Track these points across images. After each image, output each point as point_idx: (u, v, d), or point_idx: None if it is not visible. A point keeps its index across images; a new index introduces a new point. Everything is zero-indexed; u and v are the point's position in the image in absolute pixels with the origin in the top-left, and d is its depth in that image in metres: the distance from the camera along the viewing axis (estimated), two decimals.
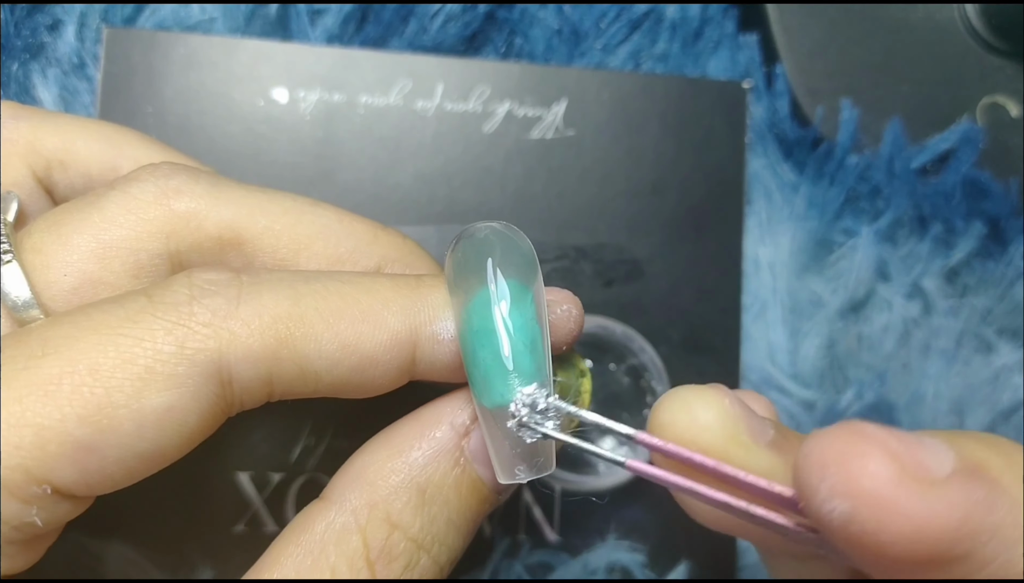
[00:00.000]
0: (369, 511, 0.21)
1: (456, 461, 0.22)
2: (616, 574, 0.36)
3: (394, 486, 0.22)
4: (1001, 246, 0.39)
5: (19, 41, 0.35)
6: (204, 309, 0.20)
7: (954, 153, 0.39)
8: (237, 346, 0.20)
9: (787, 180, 0.39)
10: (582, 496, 0.36)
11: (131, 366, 0.19)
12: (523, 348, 0.20)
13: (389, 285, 0.21)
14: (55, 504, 0.19)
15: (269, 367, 0.20)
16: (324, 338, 0.20)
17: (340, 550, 0.21)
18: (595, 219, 0.37)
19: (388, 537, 0.21)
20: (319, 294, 0.21)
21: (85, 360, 0.19)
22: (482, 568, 0.35)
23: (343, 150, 0.36)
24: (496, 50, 0.39)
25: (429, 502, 0.22)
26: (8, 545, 0.19)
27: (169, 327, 0.19)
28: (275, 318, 0.20)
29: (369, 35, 0.38)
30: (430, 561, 0.22)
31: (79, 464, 0.19)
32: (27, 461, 0.18)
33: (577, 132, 0.37)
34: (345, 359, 0.21)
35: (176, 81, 0.35)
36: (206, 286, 0.20)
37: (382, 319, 0.21)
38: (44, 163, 0.26)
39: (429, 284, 0.22)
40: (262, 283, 0.20)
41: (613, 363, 0.37)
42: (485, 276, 0.21)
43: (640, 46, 0.39)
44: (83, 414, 0.18)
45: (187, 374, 0.19)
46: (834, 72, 0.39)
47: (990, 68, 0.40)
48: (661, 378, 0.36)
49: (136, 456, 0.19)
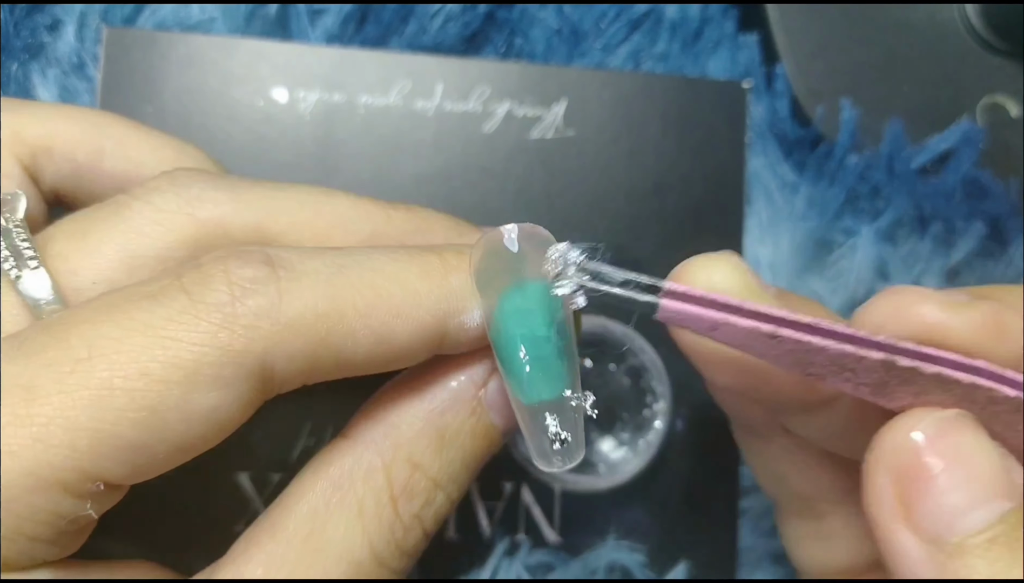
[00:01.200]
0: (394, 452, 0.23)
1: (473, 409, 0.24)
2: (616, 574, 0.36)
3: (417, 430, 0.23)
4: (1001, 246, 0.39)
5: (19, 41, 0.35)
6: (247, 311, 0.20)
7: (954, 153, 0.39)
8: (280, 347, 0.20)
9: (787, 180, 0.39)
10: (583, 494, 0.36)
11: (179, 369, 0.19)
12: (558, 352, 0.22)
13: (418, 273, 0.22)
14: (106, 496, 0.20)
15: (309, 362, 0.21)
16: (359, 335, 0.21)
17: (367, 485, 0.23)
18: (595, 219, 0.37)
19: (410, 476, 0.23)
20: (356, 289, 0.21)
21: (135, 365, 0.19)
22: (482, 568, 0.35)
23: (343, 150, 0.36)
24: (496, 50, 0.39)
25: (448, 446, 0.23)
26: (63, 536, 0.20)
27: (214, 330, 0.20)
28: (316, 317, 0.20)
29: (369, 35, 0.38)
30: (445, 498, 0.24)
31: (129, 462, 0.20)
32: (83, 463, 0.19)
33: (577, 132, 0.37)
34: (380, 352, 0.22)
35: (176, 81, 0.35)
36: (246, 284, 0.20)
37: (415, 313, 0.22)
38: (29, 152, 0.26)
39: (455, 267, 0.22)
40: (300, 279, 0.21)
41: (613, 363, 0.37)
42: (513, 278, 0.22)
43: (640, 46, 0.39)
44: (135, 418, 0.19)
45: (233, 375, 0.20)
46: (834, 72, 0.39)
47: (990, 68, 0.40)
48: (661, 378, 0.36)
49: (180, 449, 0.20)
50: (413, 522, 0.23)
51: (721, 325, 0.21)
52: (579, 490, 0.36)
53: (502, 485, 0.36)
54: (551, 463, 0.22)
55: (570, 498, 0.36)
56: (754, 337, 0.21)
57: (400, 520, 0.23)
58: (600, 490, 0.36)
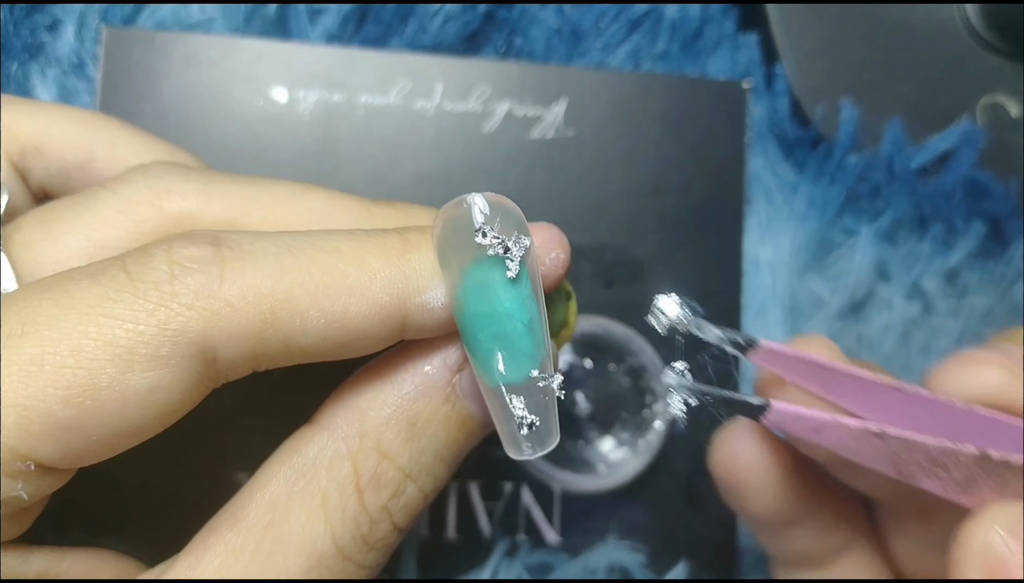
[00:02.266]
0: (360, 439, 0.22)
1: (447, 397, 0.23)
2: (616, 574, 0.36)
3: (385, 417, 0.22)
4: (1001, 246, 0.39)
5: (18, 41, 0.35)
6: (186, 289, 0.19)
7: (954, 153, 0.39)
8: (220, 326, 0.19)
9: (787, 180, 0.39)
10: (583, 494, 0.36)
11: (113, 347, 0.19)
12: (523, 329, 0.21)
13: (375, 252, 0.21)
14: (39, 478, 0.19)
15: (254, 345, 0.20)
16: (310, 315, 0.20)
17: (331, 474, 0.22)
18: (595, 219, 0.37)
19: (377, 465, 0.22)
20: (305, 268, 0.20)
21: (66, 341, 0.19)
22: (482, 568, 0.35)
23: (342, 150, 0.36)
24: (496, 50, 0.39)
25: (419, 435, 0.22)
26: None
27: (151, 308, 0.19)
28: (260, 297, 0.20)
29: (368, 35, 0.38)
30: (416, 490, 0.23)
31: (62, 442, 0.19)
32: (11, 440, 0.18)
33: (577, 132, 0.37)
34: (332, 334, 0.21)
35: (175, 80, 0.35)
36: (187, 263, 0.20)
37: (369, 293, 0.21)
38: (19, 149, 0.26)
39: (416, 245, 0.21)
40: (245, 258, 0.20)
41: (613, 363, 0.37)
42: (477, 252, 0.21)
43: (640, 46, 0.39)
44: (65, 395, 0.19)
45: (170, 355, 0.19)
46: (834, 72, 0.39)
47: (990, 68, 0.40)
48: (661, 378, 0.36)
49: (118, 433, 0.20)
50: (381, 514, 0.22)
51: (829, 426, 0.21)
52: (579, 490, 0.36)
53: (502, 485, 0.36)
54: (520, 450, 0.21)
55: (570, 498, 0.36)
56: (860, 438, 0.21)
57: (366, 512, 0.22)
58: (600, 490, 0.36)
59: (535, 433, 0.21)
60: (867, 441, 0.21)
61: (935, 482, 0.22)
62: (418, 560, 0.35)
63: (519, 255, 0.21)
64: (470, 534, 0.35)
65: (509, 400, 0.21)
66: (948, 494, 0.23)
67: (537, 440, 0.21)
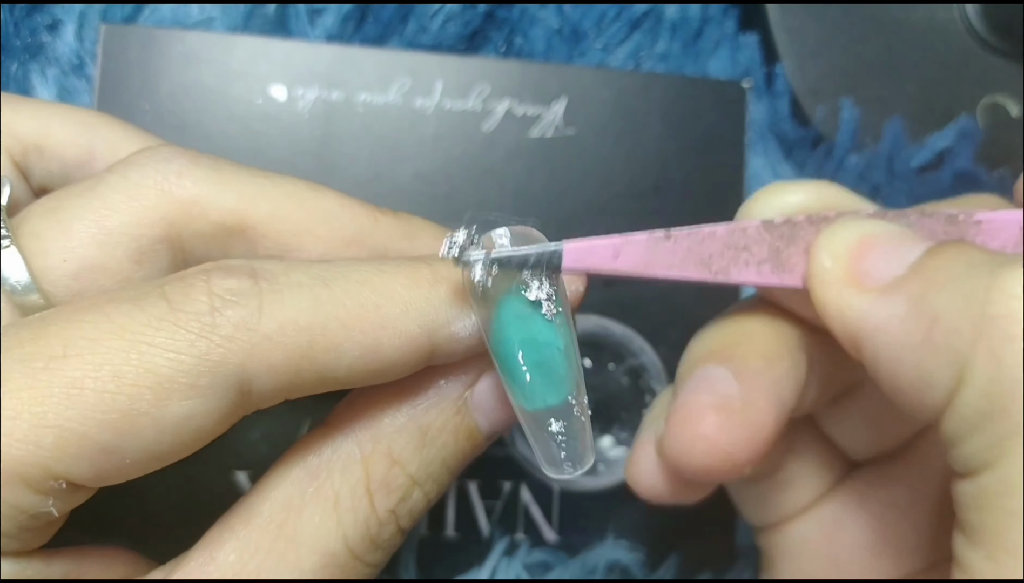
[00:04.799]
0: (373, 445, 0.23)
1: (458, 409, 0.23)
2: (615, 573, 0.36)
3: (399, 425, 0.23)
4: None
5: (19, 41, 0.35)
6: (226, 321, 0.20)
7: (951, 150, 0.39)
8: (259, 359, 0.20)
9: (787, 180, 0.39)
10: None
11: (153, 375, 0.19)
12: (560, 356, 0.22)
13: (406, 283, 0.21)
14: (69, 494, 0.20)
15: (290, 377, 0.20)
16: (345, 347, 0.21)
17: (344, 477, 0.22)
18: (595, 218, 0.37)
19: (388, 471, 0.23)
20: (340, 301, 0.21)
21: (108, 366, 0.19)
22: (481, 567, 0.35)
23: (342, 148, 0.36)
24: (496, 49, 0.39)
25: (429, 444, 0.23)
26: (24, 531, 0.20)
27: (192, 339, 0.19)
28: (297, 330, 0.20)
29: (368, 34, 0.38)
30: (422, 495, 0.23)
31: (96, 464, 0.19)
32: (47, 460, 0.19)
33: (577, 131, 0.37)
34: (364, 366, 0.21)
35: (173, 78, 0.35)
36: (227, 295, 0.20)
37: (402, 325, 0.21)
38: (21, 148, 0.26)
39: (445, 277, 0.22)
40: (282, 291, 0.20)
41: (612, 363, 0.37)
42: (510, 283, 0.21)
43: (640, 45, 0.39)
44: (104, 420, 0.19)
45: (208, 385, 0.19)
46: (834, 72, 0.39)
47: (990, 68, 0.40)
48: (660, 379, 0.36)
49: (151, 457, 0.20)
50: (388, 517, 0.23)
51: (622, 247, 0.22)
52: (578, 489, 0.36)
53: (501, 484, 0.36)
54: (561, 469, 0.22)
55: (569, 497, 0.36)
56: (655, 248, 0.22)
57: (375, 514, 0.22)
58: (599, 489, 0.36)
59: (575, 454, 0.22)
60: (662, 248, 0.22)
61: (750, 271, 0.23)
62: (417, 559, 0.35)
63: (553, 285, 0.22)
64: (469, 533, 0.35)
65: (550, 424, 0.22)
66: (770, 280, 0.23)
67: (577, 458, 0.22)
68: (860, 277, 0.22)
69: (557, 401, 0.22)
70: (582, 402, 0.22)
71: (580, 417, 0.22)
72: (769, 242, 0.23)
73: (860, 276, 0.22)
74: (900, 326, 0.20)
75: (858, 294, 0.22)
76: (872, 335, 0.21)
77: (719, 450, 0.23)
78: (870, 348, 0.21)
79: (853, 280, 0.22)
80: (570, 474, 0.22)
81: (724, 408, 0.23)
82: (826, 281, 0.22)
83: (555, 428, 0.22)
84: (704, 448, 0.23)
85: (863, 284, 0.22)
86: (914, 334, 0.20)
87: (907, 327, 0.20)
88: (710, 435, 0.23)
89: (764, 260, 0.23)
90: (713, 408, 0.23)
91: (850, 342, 0.22)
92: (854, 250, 0.22)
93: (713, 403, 0.24)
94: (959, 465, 0.20)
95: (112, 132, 0.27)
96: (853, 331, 0.21)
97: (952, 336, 0.19)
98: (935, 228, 0.24)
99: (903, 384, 0.20)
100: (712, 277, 0.23)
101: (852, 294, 0.22)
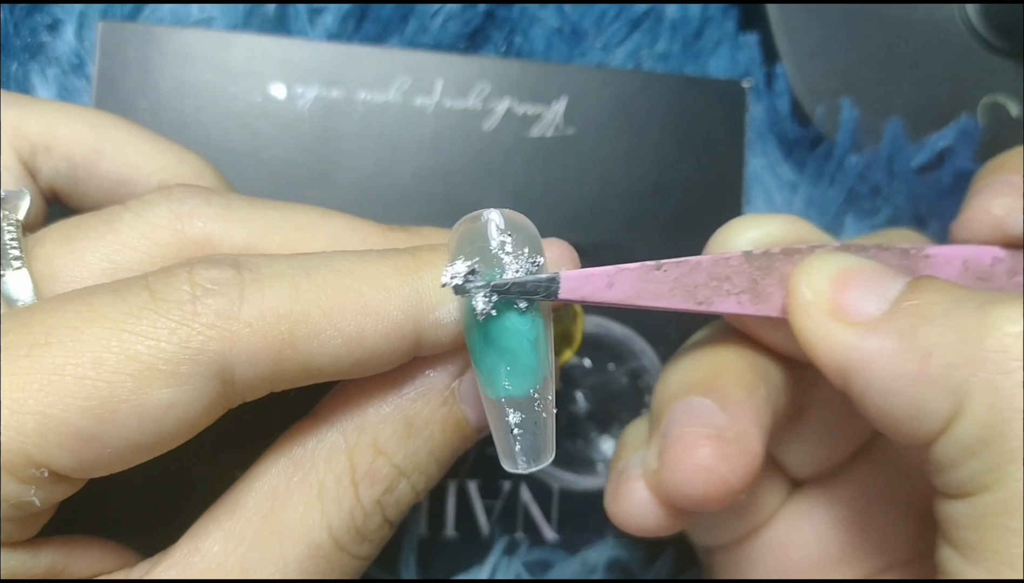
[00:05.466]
0: (358, 435, 0.23)
1: (445, 400, 0.23)
2: (615, 572, 0.35)
3: (384, 415, 0.23)
4: None
5: (18, 41, 0.35)
6: (207, 309, 0.20)
7: (951, 150, 0.39)
8: (240, 347, 0.20)
9: (787, 180, 0.39)
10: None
11: (134, 362, 0.19)
12: (529, 346, 0.21)
13: (389, 271, 0.21)
14: (52, 485, 0.20)
15: (272, 365, 0.20)
16: (327, 335, 0.21)
17: (329, 467, 0.22)
18: (595, 218, 0.37)
19: (373, 461, 0.23)
20: (321, 289, 0.21)
21: (89, 353, 0.19)
22: (481, 566, 0.35)
23: (341, 147, 0.36)
24: (496, 49, 0.39)
25: (415, 434, 0.23)
26: (7, 522, 0.20)
27: (173, 326, 0.19)
28: (278, 318, 0.20)
29: (368, 34, 0.38)
30: (409, 487, 0.23)
31: (78, 452, 0.19)
32: (28, 446, 0.19)
33: (577, 130, 0.37)
34: (348, 354, 0.21)
35: (171, 76, 0.35)
36: (208, 284, 0.20)
37: (384, 311, 0.21)
38: (29, 148, 0.26)
39: (427, 263, 0.22)
40: (264, 280, 0.20)
41: (612, 363, 0.37)
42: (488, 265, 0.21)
43: (640, 45, 0.39)
44: (85, 406, 0.19)
45: (190, 373, 0.20)
46: (834, 72, 0.39)
47: (990, 68, 0.40)
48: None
49: (134, 446, 0.20)
50: (374, 508, 0.23)
51: (615, 275, 0.22)
52: (578, 489, 0.36)
53: (501, 484, 0.35)
54: (515, 464, 0.22)
55: (568, 497, 0.36)
56: (646, 277, 0.23)
57: (361, 505, 0.22)
58: (598, 489, 0.36)
59: (530, 448, 0.22)
60: (652, 278, 0.23)
61: (731, 301, 0.24)
62: (417, 558, 0.35)
63: (531, 271, 0.21)
64: (469, 532, 0.35)
65: (508, 414, 0.21)
66: (747, 310, 0.24)
67: (533, 455, 0.22)
68: (843, 310, 0.22)
69: (519, 392, 0.21)
70: (547, 398, 0.22)
71: (541, 413, 0.22)
72: (748, 273, 0.24)
73: (843, 309, 0.22)
74: (892, 359, 0.21)
75: (843, 328, 0.22)
76: (863, 368, 0.21)
77: (719, 479, 0.24)
78: (860, 380, 0.22)
79: (836, 313, 0.22)
80: (524, 470, 0.22)
81: (719, 438, 0.24)
82: (809, 314, 0.23)
83: (513, 419, 0.21)
84: (704, 478, 0.24)
85: (847, 318, 0.22)
86: (907, 367, 0.21)
87: (899, 360, 0.21)
88: (710, 465, 0.23)
89: (744, 290, 0.24)
90: (708, 438, 0.24)
91: (837, 374, 0.22)
92: (834, 283, 0.23)
93: (708, 434, 0.24)
94: (952, 488, 0.21)
95: (120, 133, 0.28)
96: (840, 363, 0.22)
97: (949, 369, 0.20)
98: (891, 261, 0.25)
99: (896, 413, 0.21)
100: (697, 307, 0.24)
101: (837, 328, 0.22)
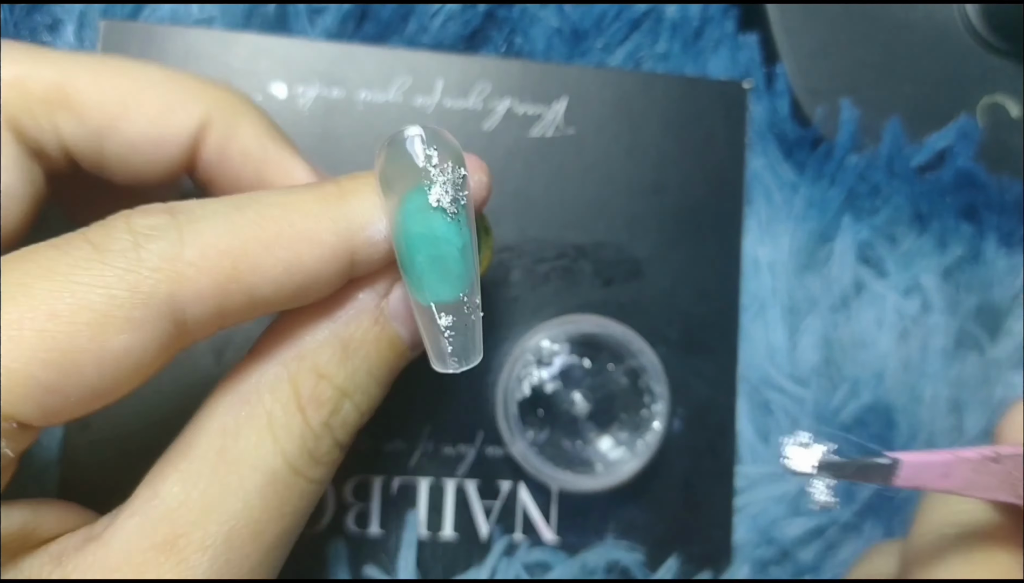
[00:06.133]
0: (298, 363, 0.23)
1: (376, 319, 0.24)
2: (615, 573, 0.35)
3: (321, 341, 0.24)
4: (1000, 244, 0.39)
5: (18, 41, 0.35)
6: (150, 254, 0.20)
7: (951, 149, 0.39)
8: (188, 287, 0.21)
9: (787, 180, 0.39)
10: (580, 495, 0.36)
11: (89, 311, 0.20)
12: (457, 253, 0.22)
13: (314, 199, 0.22)
14: (19, 435, 0.20)
15: (220, 301, 0.21)
16: (268, 265, 0.21)
17: (274, 396, 0.23)
18: (595, 218, 0.37)
19: (316, 385, 0.23)
20: (255, 222, 0.21)
21: (43, 306, 0.19)
22: (480, 567, 0.35)
23: (342, 146, 0.36)
24: (496, 49, 0.39)
25: (352, 356, 0.24)
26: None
27: (121, 273, 0.20)
28: (219, 254, 0.21)
29: (368, 34, 0.38)
30: (353, 407, 0.24)
31: (42, 403, 0.20)
32: None
33: (577, 131, 0.37)
34: (289, 281, 0.22)
35: None
36: (147, 231, 0.21)
37: (317, 235, 0.22)
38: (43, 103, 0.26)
39: (351, 189, 0.23)
40: (199, 220, 0.21)
41: (611, 363, 0.37)
42: (416, 178, 0.22)
43: (640, 45, 0.39)
44: (46, 358, 0.19)
45: (143, 317, 0.20)
46: (834, 72, 0.39)
47: (990, 68, 0.40)
48: (660, 379, 0.36)
49: (94, 393, 0.20)
50: (323, 430, 0.23)
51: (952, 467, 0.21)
52: (577, 490, 0.36)
53: (499, 484, 0.35)
54: (447, 364, 0.23)
55: (568, 497, 0.36)
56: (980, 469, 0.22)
57: (310, 428, 0.23)
58: (598, 490, 0.36)
59: (461, 349, 0.23)
60: (987, 470, 0.22)
61: None
62: (417, 558, 0.35)
63: (456, 183, 0.22)
64: (468, 533, 0.35)
65: (439, 317, 0.22)
66: None
67: (464, 355, 0.23)
68: None
69: (449, 297, 0.22)
70: (474, 302, 0.23)
71: (471, 316, 0.23)
72: None
73: None
74: None
75: None
76: None
77: None
78: None
79: None
80: (455, 369, 0.23)
81: None
82: None
83: (444, 322, 0.22)
84: None
85: None
86: None
87: None
88: None
89: None
90: None
91: None
92: None
93: None
94: None
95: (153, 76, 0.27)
96: None
97: None
98: None
99: None
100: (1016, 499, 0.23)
101: None
